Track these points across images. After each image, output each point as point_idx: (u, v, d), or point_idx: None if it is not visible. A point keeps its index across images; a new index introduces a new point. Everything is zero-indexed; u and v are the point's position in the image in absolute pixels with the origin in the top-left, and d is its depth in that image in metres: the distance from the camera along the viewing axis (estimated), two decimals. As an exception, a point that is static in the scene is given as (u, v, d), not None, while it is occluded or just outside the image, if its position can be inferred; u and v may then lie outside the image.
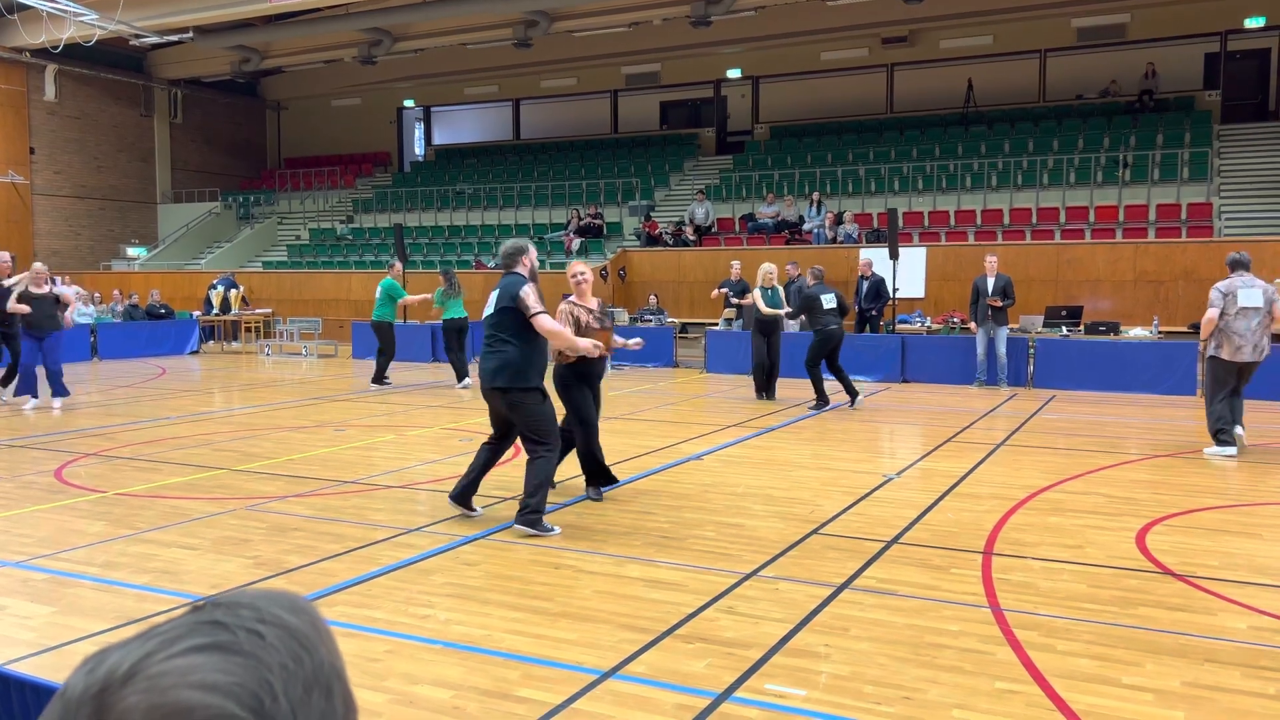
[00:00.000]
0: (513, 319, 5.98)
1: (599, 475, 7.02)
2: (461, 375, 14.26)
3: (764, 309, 12.25)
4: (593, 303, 7.07)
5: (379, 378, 14.18)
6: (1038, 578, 5.13)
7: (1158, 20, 22.30)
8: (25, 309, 11.32)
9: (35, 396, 11.82)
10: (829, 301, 11.69)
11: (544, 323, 5.97)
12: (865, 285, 16.10)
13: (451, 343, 14.46)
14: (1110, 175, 19.86)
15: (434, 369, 17.17)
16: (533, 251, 6.35)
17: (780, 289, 12.69)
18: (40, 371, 11.84)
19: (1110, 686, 3.77)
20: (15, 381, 11.88)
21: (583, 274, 6.96)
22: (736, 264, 17.12)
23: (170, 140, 29.70)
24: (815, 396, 11.82)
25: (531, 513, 5.97)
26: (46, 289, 11.66)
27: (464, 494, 6.41)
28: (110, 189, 28.11)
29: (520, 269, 6.22)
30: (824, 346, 11.67)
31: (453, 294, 14.35)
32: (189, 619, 0.63)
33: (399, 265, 15.59)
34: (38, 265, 12.02)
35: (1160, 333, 14.58)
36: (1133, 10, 22.40)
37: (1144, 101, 22.00)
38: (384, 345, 14.31)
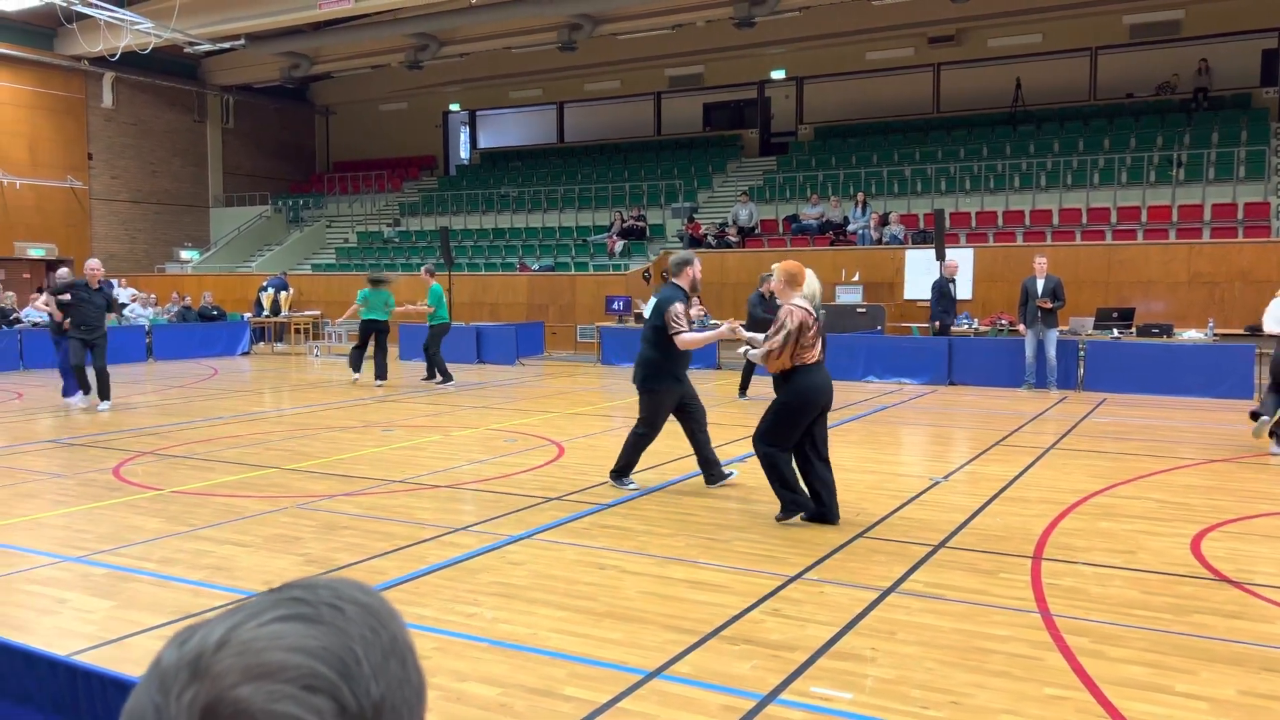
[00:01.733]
0: (653, 328, 7.01)
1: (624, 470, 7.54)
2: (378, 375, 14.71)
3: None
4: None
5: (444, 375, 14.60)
6: (1089, 583, 5.05)
7: (1213, 16, 21.83)
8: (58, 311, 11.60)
9: (86, 392, 11.97)
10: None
11: (684, 340, 6.86)
12: (953, 287, 15.17)
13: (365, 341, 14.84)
14: (1164, 174, 19.48)
15: (479, 370, 17.32)
16: (697, 265, 7.10)
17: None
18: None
19: (1163, 694, 3.71)
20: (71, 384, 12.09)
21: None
22: (776, 266, 17.02)
23: (222, 145, 30.27)
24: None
25: (616, 471, 7.36)
26: (98, 288, 11.88)
27: (708, 471, 7.31)
28: (164, 193, 28.71)
29: (681, 280, 7.02)
30: None
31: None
32: (270, 597, 0.68)
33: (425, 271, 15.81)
34: (92, 263, 12.13)
35: (1216, 335, 14.27)
36: (1187, 6, 21.95)
37: (1198, 99, 21.55)
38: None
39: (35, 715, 2.38)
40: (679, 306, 6.87)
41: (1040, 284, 13.28)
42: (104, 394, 11.86)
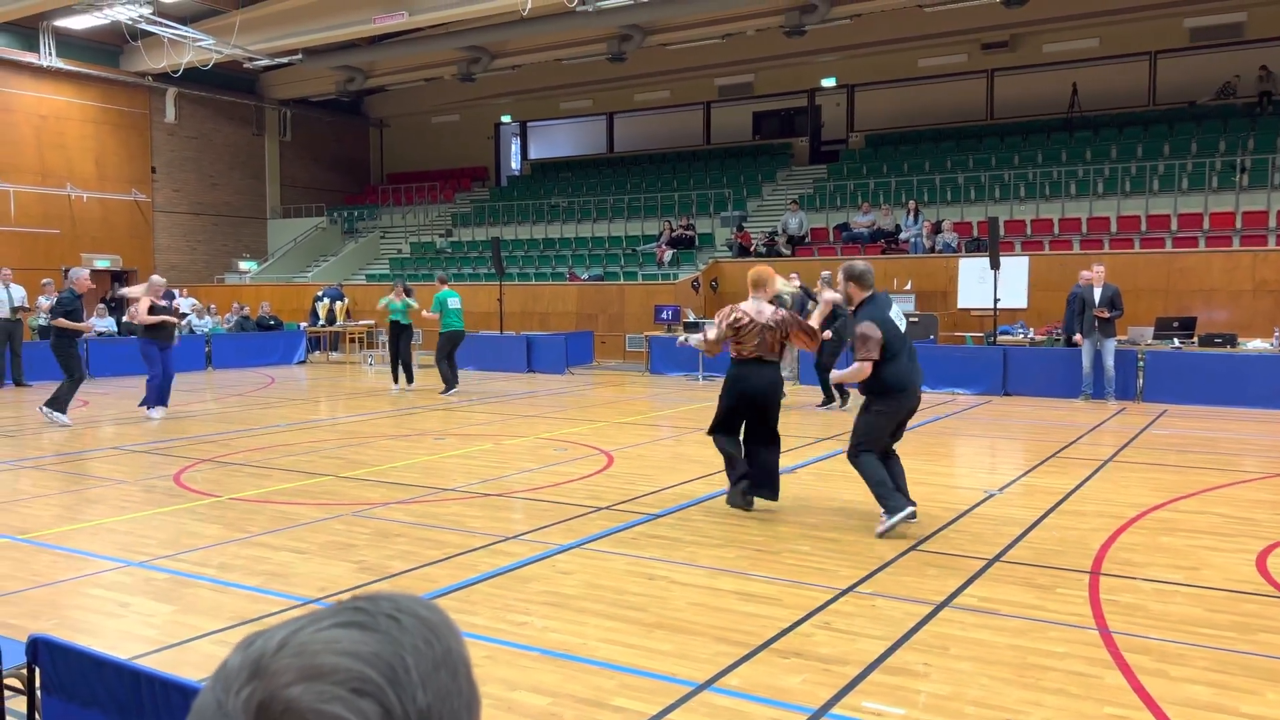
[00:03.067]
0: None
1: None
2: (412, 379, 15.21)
3: None
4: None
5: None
6: (1149, 600, 4.94)
7: (1277, 18, 21.28)
8: (155, 319, 11.86)
9: (165, 405, 12.28)
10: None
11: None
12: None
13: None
14: (1226, 180, 19.01)
15: (529, 379, 17.43)
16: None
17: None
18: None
19: (1228, 715, 3.61)
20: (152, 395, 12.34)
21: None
22: (826, 273, 16.94)
23: (280, 158, 30.88)
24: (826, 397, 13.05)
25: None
26: (164, 302, 12.20)
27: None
28: (224, 205, 29.36)
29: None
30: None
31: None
32: (335, 606, 0.72)
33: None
34: (156, 278, 12.51)
35: (1282, 345, 13.87)
36: (1250, 8, 21.42)
37: (1263, 103, 21.01)
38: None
39: (99, 718, 2.44)
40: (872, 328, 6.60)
41: (1098, 293, 13.03)
42: (163, 401, 12.23)
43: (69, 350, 11.75)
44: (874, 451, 6.37)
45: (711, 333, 7.00)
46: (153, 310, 11.84)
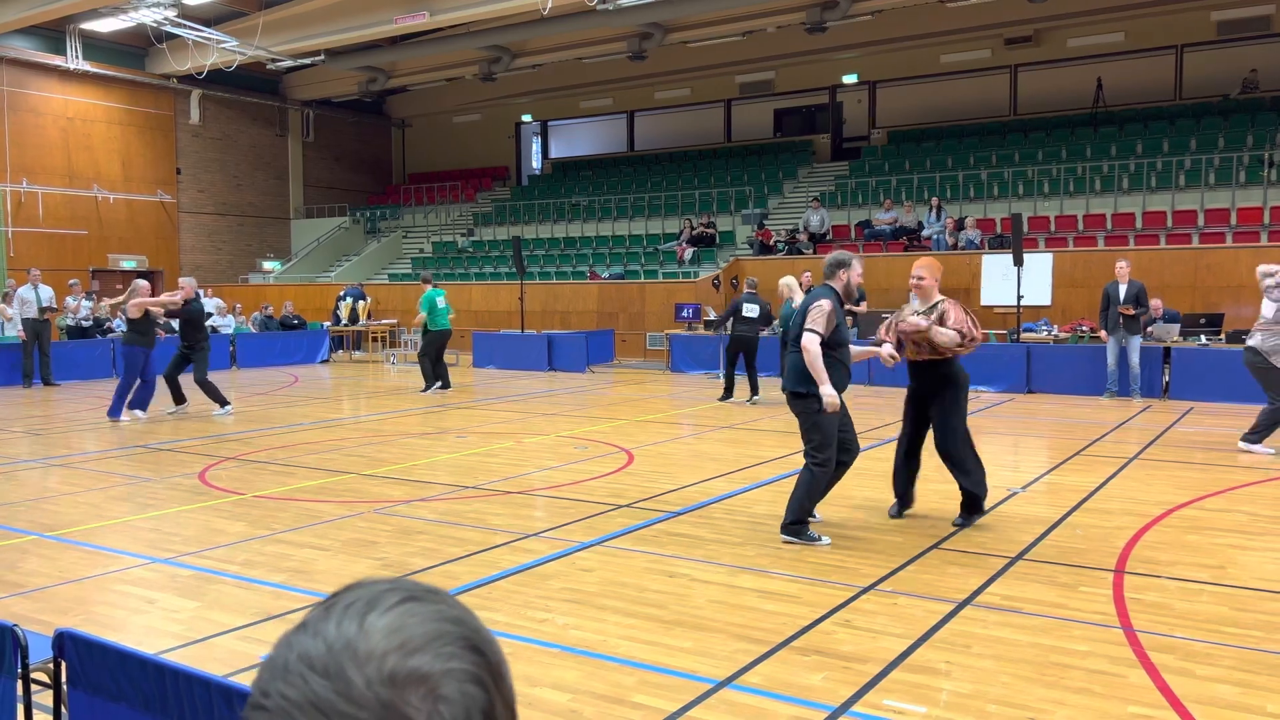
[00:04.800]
0: (798, 329, 6.17)
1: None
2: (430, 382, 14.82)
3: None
4: (909, 308, 6.59)
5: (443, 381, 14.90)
6: (1174, 598, 4.89)
7: (1307, 10, 20.99)
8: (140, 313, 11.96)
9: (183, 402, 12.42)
10: (750, 311, 13.13)
11: (805, 342, 5.99)
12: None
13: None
14: (1254, 175, 18.77)
15: (550, 377, 17.47)
16: (856, 267, 6.30)
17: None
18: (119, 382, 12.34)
19: (1254, 715, 3.57)
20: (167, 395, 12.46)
21: (918, 277, 6.61)
22: (808, 274, 16.99)
23: (303, 158, 31.09)
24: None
25: (792, 524, 6.04)
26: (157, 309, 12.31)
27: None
28: (248, 206, 29.60)
29: (835, 283, 6.26)
30: (736, 346, 13.26)
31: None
32: (362, 593, 0.73)
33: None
34: (185, 281, 12.63)
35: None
36: (1278, 1, 21.14)
37: (1291, 96, 20.73)
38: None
39: (127, 712, 2.47)
40: (826, 304, 6.07)
41: (1123, 289, 12.90)
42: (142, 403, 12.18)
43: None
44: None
45: (972, 332, 6.38)
46: (147, 313, 11.90)
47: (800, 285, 15.45)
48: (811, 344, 5.96)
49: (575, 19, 21.95)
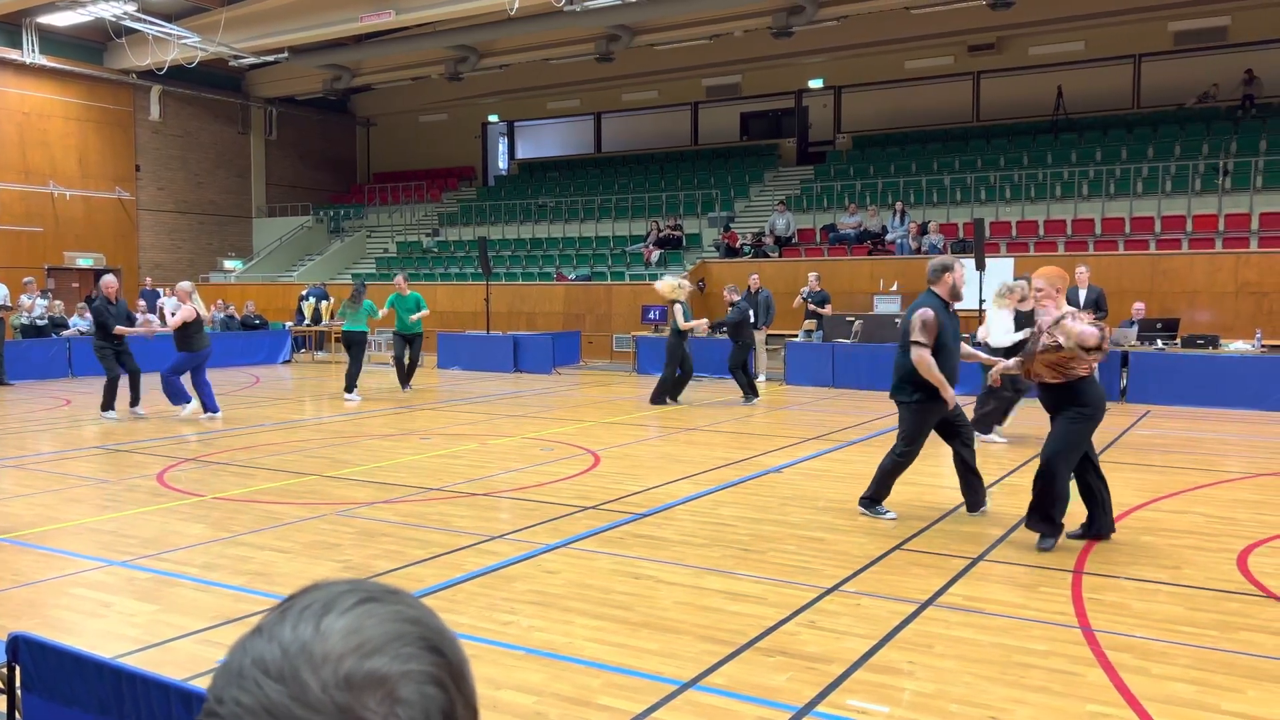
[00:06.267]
0: (904, 336, 6.46)
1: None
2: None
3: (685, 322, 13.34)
4: (1050, 316, 6.00)
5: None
6: (1131, 598, 4.97)
7: (1261, 21, 21.43)
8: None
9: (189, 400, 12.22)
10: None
11: (915, 356, 6.31)
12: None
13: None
14: (1209, 183, 19.15)
15: (515, 379, 17.41)
16: (958, 270, 6.50)
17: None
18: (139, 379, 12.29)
19: (1209, 713, 3.64)
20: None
21: (1039, 288, 6.10)
22: (814, 275, 17.15)
23: (265, 157, 30.73)
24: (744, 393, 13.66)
25: (869, 498, 6.68)
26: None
27: (969, 497, 6.72)
28: (209, 204, 29.21)
29: (939, 288, 6.48)
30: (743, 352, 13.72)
31: (352, 308, 14.46)
32: (319, 595, 0.72)
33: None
34: (183, 285, 12.48)
35: (1264, 347, 13.99)
36: (1234, 12, 21.57)
37: (1245, 106, 21.17)
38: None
39: (82, 717, 2.43)
40: (928, 314, 6.23)
41: (1083, 294, 13.10)
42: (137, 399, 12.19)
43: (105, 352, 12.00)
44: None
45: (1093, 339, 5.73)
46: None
47: (752, 288, 15.58)
48: (922, 355, 6.29)
49: (542, 20, 21.90)
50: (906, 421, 6.59)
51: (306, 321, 22.14)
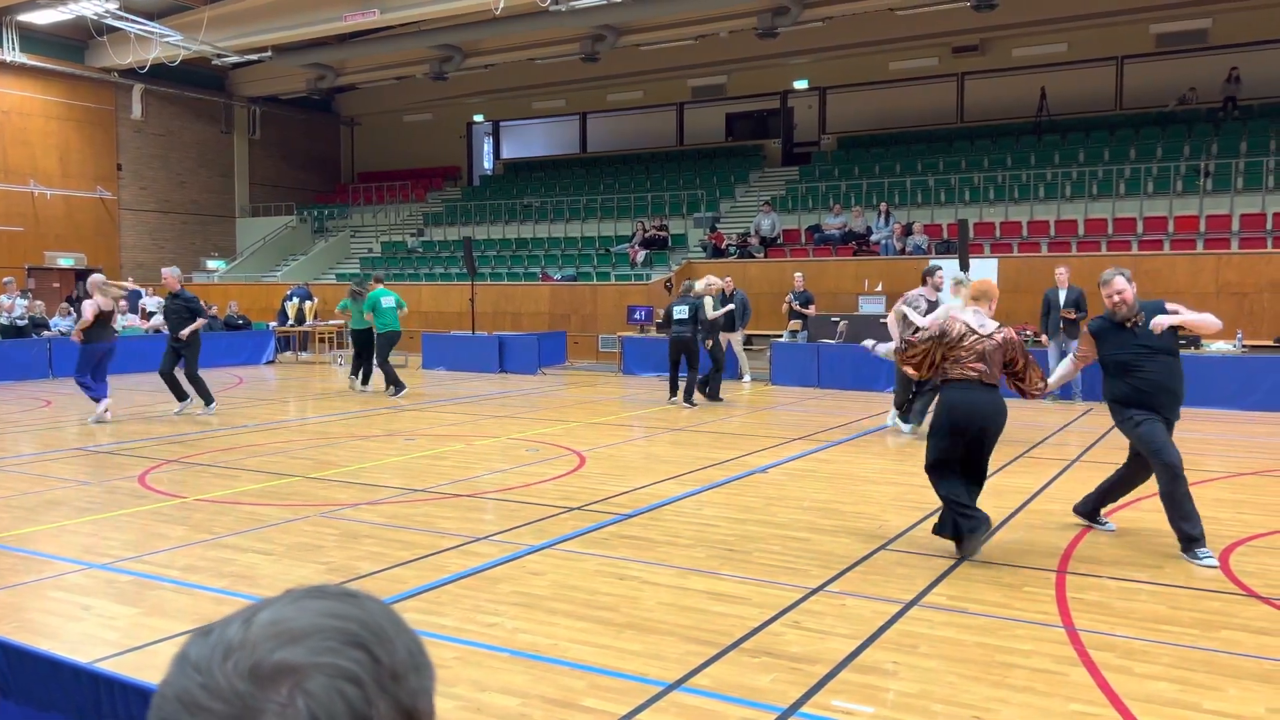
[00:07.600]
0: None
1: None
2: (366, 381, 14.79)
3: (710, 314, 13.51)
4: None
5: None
6: (1114, 598, 5.00)
7: (1243, 24, 21.60)
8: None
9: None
10: (680, 313, 13.01)
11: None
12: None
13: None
14: (1190, 185, 19.29)
15: (501, 379, 17.37)
16: (1118, 284, 6.25)
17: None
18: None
19: (1191, 712, 3.66)
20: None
21: (1120, 291, 6.08)
22: (800, 275, 17.19)
23: (249, 156, 30.56)
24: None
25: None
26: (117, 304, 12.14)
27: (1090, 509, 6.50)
28: (192, 204, 29.02)
29: (1108, 303, 6.33)
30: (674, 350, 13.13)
31: (354, 307, 14.79)
32: (283, 593, 0.73)
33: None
34: (168, 271, 12.52)
35: (1244, 347, 14.10)
36: (1215, 15, 21.74)
37: (1227, 108, 21.34)
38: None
39: (59, 722, 2.40)
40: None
41: (1063, 294, 13.17)
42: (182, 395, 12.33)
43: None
44: None
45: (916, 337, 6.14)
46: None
47: (727, 290, 15.57)
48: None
49: (528, 19, 21.87)
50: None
51: (290, 322, 22.02)
